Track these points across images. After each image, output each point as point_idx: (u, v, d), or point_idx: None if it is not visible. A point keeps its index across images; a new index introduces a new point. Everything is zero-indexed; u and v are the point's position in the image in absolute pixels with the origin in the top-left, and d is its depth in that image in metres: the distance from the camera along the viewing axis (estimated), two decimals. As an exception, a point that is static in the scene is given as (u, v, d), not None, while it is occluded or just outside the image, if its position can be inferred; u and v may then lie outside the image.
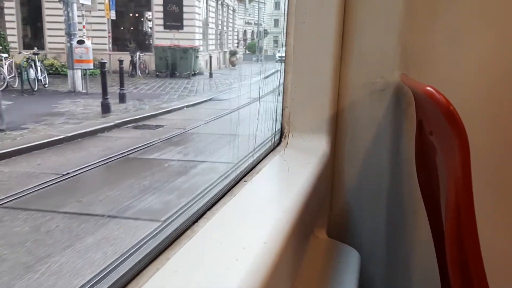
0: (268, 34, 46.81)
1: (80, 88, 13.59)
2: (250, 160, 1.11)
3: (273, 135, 1.26)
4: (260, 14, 42.67)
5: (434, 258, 0.94)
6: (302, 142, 1.20)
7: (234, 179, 0.95)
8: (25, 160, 6.31)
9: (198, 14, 23.97)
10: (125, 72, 20.17)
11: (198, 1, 23.32)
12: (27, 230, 4.06)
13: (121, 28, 23.90)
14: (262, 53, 36.46)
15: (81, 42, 12.61)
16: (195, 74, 20.57)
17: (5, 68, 12.97)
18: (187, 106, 11.42)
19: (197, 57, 21.25)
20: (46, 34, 21.65)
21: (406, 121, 1.18)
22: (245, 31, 41.97)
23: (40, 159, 6.35)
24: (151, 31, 23.27)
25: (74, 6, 13.45)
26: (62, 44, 21.68)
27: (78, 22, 14.52)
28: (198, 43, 23.68)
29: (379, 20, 1.16)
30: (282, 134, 1.23)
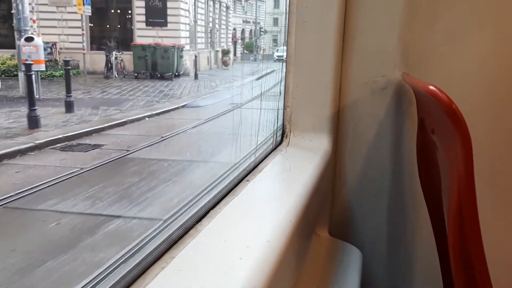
0: (267, 33, 45.23)
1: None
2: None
3: (274, 134, 1.26)
4: (257, 12, 41.14)
5: (436, 256, 0.96)
6: (304, 141, 1.20)
7: (236, 179, 0.95)
8: None
9: (185, 10, 22.10)
10: (99, 73, 18.42)
11: (184, -5, 21.47)
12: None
13: (100, 25, 22.05)
14: (259, 52, 35.88)
15: (29, 39, 10.69)
16: (179, 75, 19.25)
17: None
18: (150, 116, 9.56)
19: (181, 56, 19.45)
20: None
21: (408, 119, 1.18)
22: (243, 30, 41.00)
23: None
24: (132, 28, 21.41)
25: (24, -3, 11.51)
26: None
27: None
28: (184, 42, 21.81)
29: (380, 18, 1.17)
30: (283, 133, 1.24)
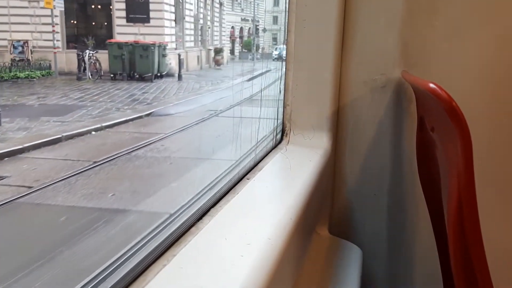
0: (266, 31, 43.81)
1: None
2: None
3: (274, 133, 1.25)
4: (255, 10, 39.79)
5: (436, 254, 0.96)
6: (304, 140, 1.20)
7: (236, 177, 0.94)
8: None
9: (169, 5, 20.28)
10: (72, 73, 16.58)
11: (168, -11, 19.71)
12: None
13: (79, 21, 20.29)
14: (257, 51, 35.25)
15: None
16: (162, 76, 17.53)
17: None
18: (98, 129, 7.73)
19: (164, 55, 17.68)
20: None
21: (407, 117, 1.18)
22: (241, 28, 40.06)
23: None
24: (112, 25, 19.63)
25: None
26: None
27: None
28: (168, 39, 20.00)
29: (380, 17, 1.17)
30: (283, 132, 1.23)
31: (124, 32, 19.07)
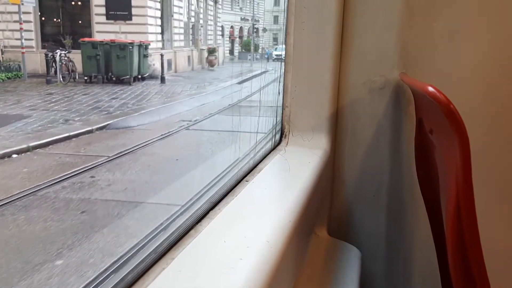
0: (266, 31, 42.77)
1: None
2: None
3: (273, 134, 1.25)
4: (254, 9, 38.61)
5: (434, 255, 0.96)
6: (303, 141, 1.20)
7: (235, 179, 0.94)
8: None
9: (154, 1, 18.66)
10: (41, 75, 15.10)
11: (152, -17, 18.14)
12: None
13: (57, 19, 18.71)
14: (257, 51, 34.72)
15: None
16: (144, 78, 16.10)
17: None
18: (24, 151, 6.04)
19: (146, 55, 16.10)
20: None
21: (406, 119, 1.18)
22: (241, 28, 39.17)
23: None
24: (91, 22, 18.04)
25: None
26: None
27: None
28: (153, 38, 18.38)
29: (379, 18, 1.16)
30: (282, 133, 1.23)
31: (103, 30, 17.49)
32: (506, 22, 1.12)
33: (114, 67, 14.74)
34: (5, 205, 3.98)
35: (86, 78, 14.46)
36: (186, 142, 6.86)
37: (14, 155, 5.87)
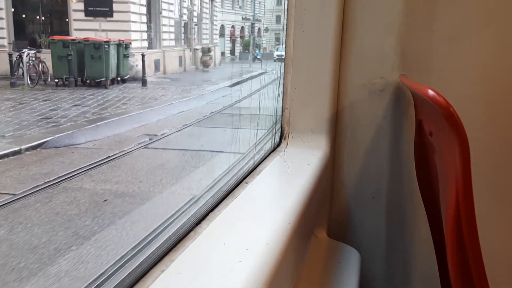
0: (268, 31, 41.62)
1: None
2: None
3: (273, 135, 1.25)
4: (255, 8, 37.50)
5: (434, 257, 0.96)
6: (302, 143, 1.20)
7: (235, 181, 0.94)
8: None
9: (138, -5, 17.09)
10: (4, 78, 13.60)
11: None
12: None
13: (31, 16, 17.22)
14: (254, 51, 33.62)
15: None
16: (124, 80, 14.67)
17: None
18: None
19: (126, 56, 14.52)
20: None
21: (406, 121, 1.18)
22: (242, 28, 38.43)
23: None
24: (68, 19, 16.51)
25: None
26: None
27: None
28: (137, 36, 16.77)
29: (378, 20, 1.16)
30: (282, 135, 1.23)
31: (82, 27, 15.94)
32: (506, 24, 1.13)
33: (88, 69, 13.22)
34: None
35: (57, 80, 13.01)
36: (135, 168, 5.25)
37: None
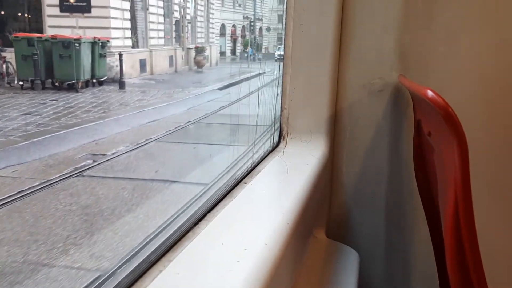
0: (270, 30, 40.87)
1: None
2: None
3: (272, 135, 1.24)
4: (255, 7, 36.78)
5: (432, 257, 0.96)
6: (301, 143, 1.19)
7: (234, 181, 0.93)
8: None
9: (119, -11, 15.67)
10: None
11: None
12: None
13: (6, 11, 15.89)
14: (259, 51, 33.49)
15: None
16: (101, 83, 13.20)
17: None
18: None
19: (103, 55, 13.02)
20: None
21: (405, 121, 1.18)
22: (243, 27, 37.31)
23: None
24: (42, 15, 15.08)
25: None
26: None
27: None
28: (118, 34, 15.31)
29: (377, 21, 1.16)
30: (281, 135, 1.22)
31: (57, 24, 14.49)
32: (504, 25, 1.12)
33: (56, 70, 11.74)
34: None
35: (22, 83, 11.68)
36: (42, 214, 3.61)
37: None
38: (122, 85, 12.70)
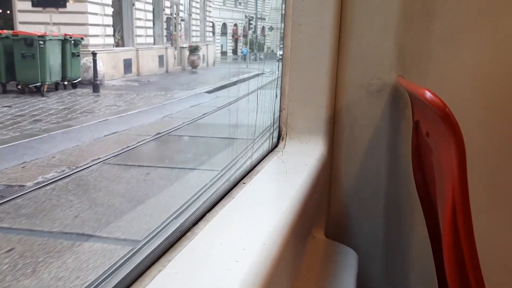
0: (273, 30, 39.81)
1: None
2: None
3: (271, 137, 1.25)
4: (257, 6, 36.11)
5: (431, 257, 0.96)
6: (300, 143, 1.19)
7: (233, 181, 0.93)
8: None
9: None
10: None
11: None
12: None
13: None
14: (261, 50, 31.46)
15: None
16: (75, 85, 11.90)
17: None
18: None
19: (76, 54, 11.68)
20: None
21: (403, 121, 1.18)
22: (245, 26, 36.27)
23: None
24: (12, 10, 13.74)
25: None
26: None
27: None
28: (97, 31, 13.96)
29: (376, 21, 1.17)
30: (279, 136, 1.22)
31: (29, 20, 13.15)
32: (503, 25, 1.12)
33: (18, 71, 10.34)
34: None
35: (-21, 86, 10.21)
36: None
37: None
38: (96, 88, 11.32)
